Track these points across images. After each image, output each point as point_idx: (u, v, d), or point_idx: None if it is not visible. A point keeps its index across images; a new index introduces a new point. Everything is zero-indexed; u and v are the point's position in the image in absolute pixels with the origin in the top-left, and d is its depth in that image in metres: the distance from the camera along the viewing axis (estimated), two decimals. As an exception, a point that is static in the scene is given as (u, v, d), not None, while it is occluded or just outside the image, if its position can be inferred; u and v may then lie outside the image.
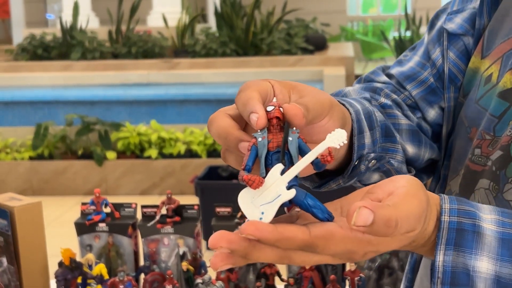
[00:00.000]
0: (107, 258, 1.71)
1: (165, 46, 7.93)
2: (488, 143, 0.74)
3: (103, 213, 1.72)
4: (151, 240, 1.69)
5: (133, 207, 1.75)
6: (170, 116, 6.50)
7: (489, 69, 0.79)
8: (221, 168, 4.34)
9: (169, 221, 1.68)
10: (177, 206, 1.70)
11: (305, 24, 8.54)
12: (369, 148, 0.78)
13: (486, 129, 0.75)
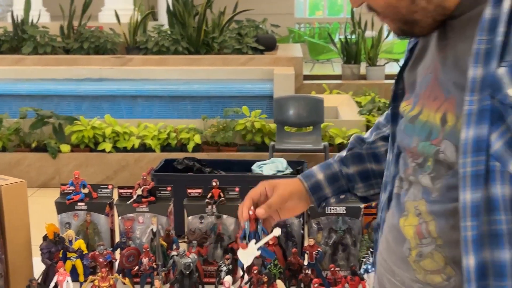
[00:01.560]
0: (85, 235, 1.85)
1: (117, 42, 8.00)
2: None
3: (82, 193, 1.85)
4: (127, 218, 1.84)
5: (109, 188, 1.89)
6: (122, 111, 6.59)
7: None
8: (177, 161, 4.46)
9: (145, 201, 1.83)
10: (152, 187, 1.85)
11: (255, 25, 8.73)
12: (333, 193, 1.26)
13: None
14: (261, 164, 4.35)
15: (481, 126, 0.82)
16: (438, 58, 0.94)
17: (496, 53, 0.81)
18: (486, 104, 0.82)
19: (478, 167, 0.83)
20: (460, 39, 0.90)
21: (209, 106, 6.67)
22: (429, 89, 0.95)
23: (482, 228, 0.83)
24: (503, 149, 0.81)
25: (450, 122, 0.89)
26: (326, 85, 7.42)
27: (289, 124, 5.36)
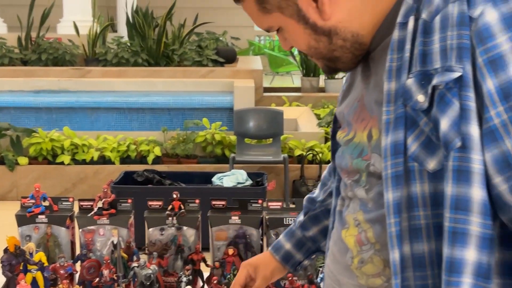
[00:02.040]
0: (45, 247, 1.86)
1: (76, 54, 7.94)
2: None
3: (42, 206, 1.86)
4: (87, 230, 1.85)
5: (70, 201, 1.91)
6: (81, 123, 6.54)
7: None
8: (137, 173, 4.47)
9: (105, 213, 1.85)
10: (112, 200, 1.87)
11: (215, 37, 8.78)
12: (304, 257, 1.37)
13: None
14: (221, 176, 4.39)
15: (398, 131, 0.91)
16: (363, 86, 1.04)
17: (405, 68, 0.91)
18: (400, 112, 0.91)
19: (397, 168, 0.91)
20: (379, 65, 0.99)
21: (169, 118, 6.68)
22: (357, 114, 1.04)
23: (403, 224, 0.91)
24: (419, 150, 0.89)
25: (375, 136, 0.98)
26: (286, 97, 7.50)
27: (249, 136, 5.41)
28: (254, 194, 4.02)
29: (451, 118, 0.85)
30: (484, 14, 0.84)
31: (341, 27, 0.98)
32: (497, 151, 0.83)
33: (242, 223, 1.84)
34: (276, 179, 5.00)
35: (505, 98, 0.82)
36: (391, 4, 0.97)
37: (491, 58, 0.83)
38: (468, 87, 0.84)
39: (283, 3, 0.98)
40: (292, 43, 1.04)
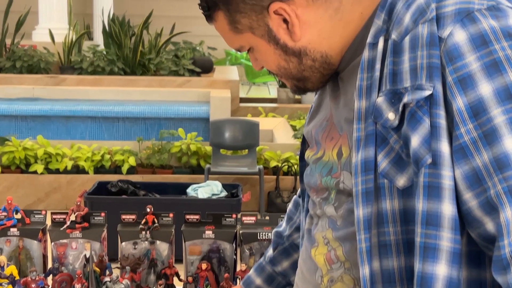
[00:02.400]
0: (17, 261, 1.84)
1: (51, 61, 7.89)
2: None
3: (14, 219, 1.84)
4: (60, 244, 1.83)
5: (42, 214, 1.89)
6: (56, 131, 6.49)
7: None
8: (111, 183, 4.44)
9: (78, 226, 1.83)
10: (85, 213, 1.86)
11: (192, 47, 8.78)
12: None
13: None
14: (196, 187, 4.38)
15: (368, 148, 0.92)
16: (333, 106, 1.05)
17: (375, 86, 0.93)
18: (371, 130, 0.92)
19: (368, 185, 0.92)
20: (349, 84, 1.01)
21: (145, 128, 6.66)
22: (326, 133, 1.06)
23: (373, 240, 0.92)
24: (389, 166, 0.91)
25: (344, 154, 0.99)
26: (262, 108, 7.52)
27: (225, 147, 5.41)
28: (229, 206, 4.02)
29: (422, 136, 0.86)
30: (453, 34, 0.86)
31: (311, 48, 1.00)
32: (467, 168, 0.85)
33: (216, 237, 1.84)
34: (251, 190, 5.01)
35: (475, 116, 0.84)
36: (360, 26, 0.99)
37: (461, 77, 0.85)
38: (438, 105, 0.86)
39: (255, 24, 0.99)
40: (263, 63, 1.05)
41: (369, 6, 0.99)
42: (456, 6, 0.87)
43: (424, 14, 0.89)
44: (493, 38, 0.85)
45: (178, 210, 1.99)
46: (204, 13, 1.03)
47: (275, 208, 5.12)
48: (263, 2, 0.97)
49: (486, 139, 0.84)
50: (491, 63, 0.84)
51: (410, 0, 0.92)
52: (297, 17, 0.97)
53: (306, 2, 0.97)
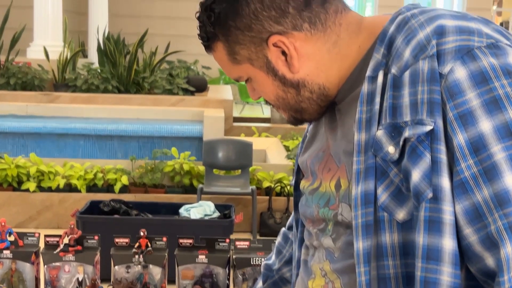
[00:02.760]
0: (9, 283, 1.83)
1: (45, 79, 7.89)
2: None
3: (7, 241, 1.84)
4: (52, 267, 1.83)
5: (36, 236, 1.89)
6: (49, 149, 6.48)
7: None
8: (103, 203, 4.43)
9: (71, 249, 1.83)
10: (79, 236, 1.86)
11: (187, 66, 8.81)
12: None
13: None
14: (188, 208, 4.37)
15: (368, 181, 0.93)
16: (330, 137, 1.06)
17: (375, 119, 0.94)
18: (371, 162, 0.93)
19: (368, 218, 0.93)
20: (346, 116, 1.02)
21: (138, 146, 6.65)
22: (323, 164, 1.06)
23: (372, 273, 0.93)
24: (389, 200, 0.92)
25: (343, 186, 1.00)
26: (255, 127, 7.54)
27: (218, 167, 5.41)
28: (221, 227, 4.01)
29: (423, 170, 0.87)
30: (453, 71, 0.88)
31: (309, 80, 1.01)
32: (468, 203, 0.86)
33: (209, 262, 1.84)
34: (244, 211, 5.00)
35: (475, 152, 0.86)
36: (358, 59, 1.01)
37: (461, 113, 0.86)
38: (439, 140, 0.87)
39: (253, 55, 1.01)
40: (261, 94, 1.07)
41: (366, 39, 1.00)
42: (456, 43, 0.89)
43: (424, 50, 0.90)
44: (493, 75, 0.87)
45: (171, 232, 2.00)
46: (203, 44, 1.04)
47: (268, 229, 5.11)
48: (262, 35, 0.99)
49: (487, 175, 0.85)
50: (491, 100, 0.86)
51: (409, 35, 0.94)
52: (295, 50, 0.99)
53: (304, 35, 0.99)
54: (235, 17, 0.98)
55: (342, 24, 1.01)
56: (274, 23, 0.98)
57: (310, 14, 0.98)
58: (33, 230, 5.12)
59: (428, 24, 0.93)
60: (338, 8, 1.01)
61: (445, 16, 0.93)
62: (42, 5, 8.72)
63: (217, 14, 0.99)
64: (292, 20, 0.98)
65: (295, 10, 0.98)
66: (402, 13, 0.99)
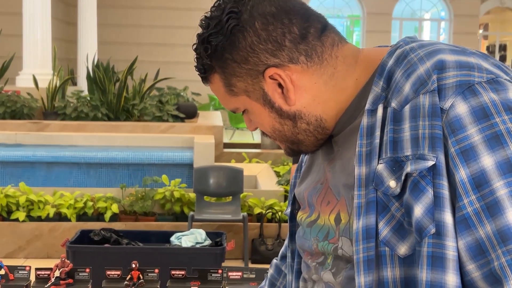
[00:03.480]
0: (-2, 318, 1.81)
1: (34, 107, 7.88)
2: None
3: (-3, 276, 1.82)
4: (43, 301, 1.81)
5: (27, 270, 1.87)
6: (38, 178, 6.44)
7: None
8: (93, 232, 4.39)
9: (63, 283, 1.81)
10: (70, 269, 1.84)
11: (176, 92, 8.83)
12: None
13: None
14: (180, 236, 4.34)
15: (369, 216, 0.93)
16: (328, 169, 1.06)
17: (375, 153, 0.94)
18: (372, 197, 0.93)
19: (369, 253, 0.92)
20: (344, 149, 1.02)
21: (128, 174, 6.63)
22: (321, 196, 1.06)
23: None
24: (390, 234, 0.92)
25: (343, 220, 0.99)
26: (246, 153, 7.54)
27: (209, 193, 5.40)
28: (213, 255, 3.99)
29: (425, 205, 0.87)
30: (454, 106, 0.88)
31: (306, 112, 1.01)
32: (471, 239, 0.86)
33: (201, 293, 1.83)
34: (235, 238, 4.98)
35: (477, 187, 0.86)
36: (356, 92, 1.01)
37: (463, 148, 0.87)
38: (441, 175, 0.87)
39: (250, 87, 1.01)
40: (257, 125, 1.07)
41: (364, 72, 1.01)
42: (457, 78, 0.90)
43: (425, 84, 0.91)
44: (494, 111, 0.87)
45: (162, 261, 1.99)
46: (200, 75, 1.04)
47: (260, 256, 5.09)
48: (259, 67, 0.99)
49: (489, 211, 0.85)
50: (492, 136, 0.86)
51: (409, 70, 0.94)
52: (292, 83, 0.99)
53: (301, 67, 0.99)
54: (231, 50, 0.99)
55: (339, 57, 1.01)
56: (271, 56, 0.98)
57: (307, 47, 0.99)
58: (22, 260, 5.08)
59: (428, 58, 0.93)
60: (335, 41, 1.02)
61: (445, 50, 0.94)
62: (31, 33, 8.74)
63: (214, 47, 0.99)
64: (288, 53, 0.99)
65: (292, 43, 0.98)
66: (401, 46, 0.99)
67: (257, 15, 0.98)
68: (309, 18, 1.00)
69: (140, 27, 14.70)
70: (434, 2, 17.11)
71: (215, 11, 1.01)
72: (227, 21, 0.98)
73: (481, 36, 19.13)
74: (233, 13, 0.98)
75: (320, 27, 1.00)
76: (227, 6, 0.99)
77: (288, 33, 0.98)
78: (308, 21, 1.00)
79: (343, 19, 17.50)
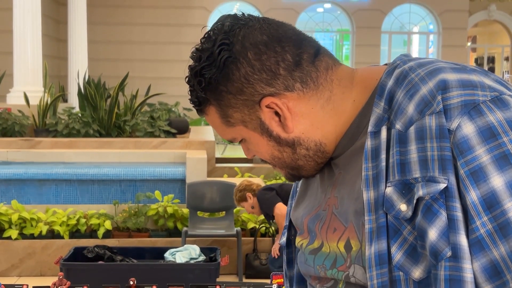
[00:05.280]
0: (-5, 338, 1.80)
1: (25, 124, 7.86)
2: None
3: (-6, 295, 1.81)
4: (40, 319, 1.80)
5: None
6: (30, 195, 6.41)
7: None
8: (87, 249, 4.38)
9: (60, 301, 1.81)
10: (68, 287, 1.83)
11: (168, 108, 8.83)
12: None
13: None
14: (174, 252, 4.34)
15: (381, 241, 0.92)
16: (333, 194, 1.04)
17: (382, 176, 0.93)
18: (382, 221, 0.92)
19: (383, 279, 0.92)
20: (347, 172, 1.01)
21: (121, 190, 6.60)
22: (327, 224, 1.04)
23: None
24: (403, 258, 0.91)
25: (354, 247, 0.98)
26: (238, 168, 7.54)
27: (202, 209, 5.40)
28: (207, 271, 3.98)
29: (440, 228, 0.87)
30: (461, 126, 0.88)
31: (304, 137, 1.01)
32: (485, 260, 0.86)
33: (199, 309, 1.83)
34: (229, 253, 4.98)
35: (489, 208, 0.86)
36: (354, 114, 1.00)
37: (472, 169, 0.87)
38: (454, 197, 0.87)
39: (247, 117, 1.00)
40: (256, 153, 1.06)
41: (361, 93, 1.01)
42: (461, 98, 0.89)
43: (430, 105, 0.90)
44: (501, 130, 0.87)
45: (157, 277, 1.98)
46: (195, 108, 1.03)
47: (254, 271, 5.08)
48: (255, 97, 0.98)
49: (502, 232, 0.85)
50: (501, 156, 0.86)
51: (411, 90, 0.93)
52: (288, 110, 0.99)
53: (297, 94, 0.99)
54: (226, 82, 0.98)
55: (334, 80, 1.01)
56: (266, 85, 0.98)
57: (301, 73, 0.98)
58: (16, 279, 5.05)
59: (429, 78, 0.92)
60: (329, 64, 1.01)
61: (445, 69, 0.93)
62: (22, 50, 8.73)
63: (208, 80, 0.98)
64: (283, 81, 0.98)
65: (286, 71, 0.98)
66: (399, 66, 0.98)
67: (249, 45, 0.97)
68: (302, 44, 0.99)
69: (130, 43, 14.73)
70: (423, 16, 17.25)
71: (206, 42, 0.99)
72: (219, 53, 0.97)
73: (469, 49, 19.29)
74: (224, 44, 0.97)
75: (313, 52, 1.00)
76: (218, 38, 0.98)
77: (282, 61, 0.97)
78: (300, 47, 0.99)
79: (332, 33, 17.60)
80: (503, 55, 19.45)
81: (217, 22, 1.01)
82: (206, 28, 1.05)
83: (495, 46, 20.17)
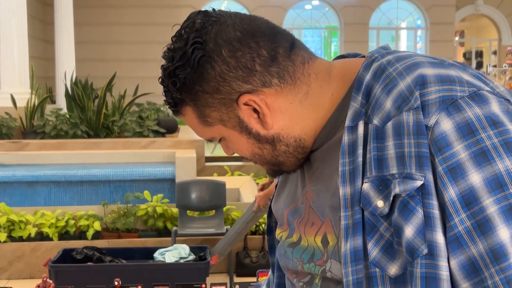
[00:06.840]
0: None
1: (13, 126, 7.81)
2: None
3: (-23, 298, 1.79)
4: (25, 322, 1.78)
5: (7, 292, 1.84)
6: (19, 198, 6.37)
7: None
8: (76, 251, 4.35)
9: (44, 303, 1.78)
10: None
11: (156, 108, 8.80)
12: None
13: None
14: (163, 251, 4.32)
15: (356, 237, 0.91)
16: (310, 187, 1.03)
17: (359, 172, 0.92)
18: (358, 217, 0.91)
19: (358, 275, 0.91)
20: (324, 165, 1.00)
21: (110, 191, 6.58)
22: (305, 218, 1.03)
23: None
24: (380, 255, 0.90)
25: (331, 242, 0.97)
26: (228, 167, 7.52)
27: (192, 208, 5.38)
28: (197, 270, 3.97)
29: (416, 226, 0.86)
30: (439, 123, 0.87)
31: (284, 133, 0.99)
32: (464, 257, 0.85)
33: (186, 309, 1.82)
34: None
35: (467, 205, 0.85)
36: (333, 108, 0.99)
37: (450, 166, 0.86)
38: (430, 195, 0.86)
39: (225, 116, 0.98)
40: (235, 151, 1.05)
41: (339, 87, 0.99)
42: (439, 93, 0.88)
43: (407, 101, 0.89)
44: (479, 126, 0.86)
45: (146, 277, 1.97)
46: (171, 109, 1.01)
47: (244, 269, 5.07)
48: (232, 95, 0.96)
49: (480, 229, 0.84)
50: (479, 152, 0.85)
51: (389, 85, 0.92)
52: (267, 106, 0.97)
53: (274, 90, 0.97)
54: (201, 81, 0.96)
55: (311, 74, 0.99)
56: (243, 82, 0.96)
57: (278, 68, 0.96)
58: (5, 282, 5.01)
59: (407, 73, 0.91)
60: (305, 58, 0.99)
61: (423, 64, 0.92)
62: (8, 52, 8.68)
63: (182, 80, 0.96)
64: (260, 78, 0.96)
65: (262, 67, 0.96)
66: (377, 59, 0.97)
67: (223, 43, 0.95)
68: (276, 38, 0.98)
69: (117, 43, 14.68)
70: (410, 11, 17.29)
71: (178, 41, 0.97)
72: (192, 53, 0.95)
73: (457, 43, 19.37)
74: (197, 43, 0.95)
75: (288, 46, 0.98)
76: (190, 36, 0.96)
77: (257, 57, 0.95)
78: (275, 41, 0.97)
79: (320, 30, 17.62)
80: (491, 49, 19.54)
81: (188, 20, 0.99)
82: (176, 26, 1.01)
83: (483, 40, 20.26)
